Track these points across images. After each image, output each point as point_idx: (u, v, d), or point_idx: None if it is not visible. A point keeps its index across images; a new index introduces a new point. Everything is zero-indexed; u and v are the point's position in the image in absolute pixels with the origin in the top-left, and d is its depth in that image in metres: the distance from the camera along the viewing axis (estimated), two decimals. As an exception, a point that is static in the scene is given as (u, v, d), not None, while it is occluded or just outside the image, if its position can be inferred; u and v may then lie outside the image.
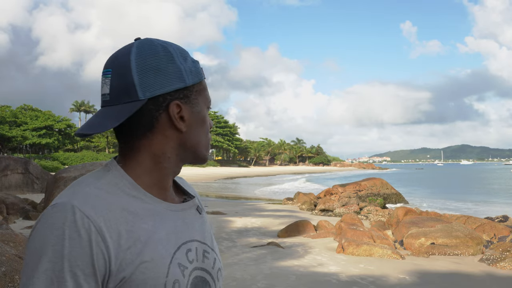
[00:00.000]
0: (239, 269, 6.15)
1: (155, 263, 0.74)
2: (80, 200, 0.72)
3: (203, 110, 0.85)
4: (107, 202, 0.74)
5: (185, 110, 0.81)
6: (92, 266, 0.69)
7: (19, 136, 52.19)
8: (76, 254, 0.68)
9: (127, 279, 0.72)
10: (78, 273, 0.68)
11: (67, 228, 0.69)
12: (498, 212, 15.98)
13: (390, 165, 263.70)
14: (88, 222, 0.70)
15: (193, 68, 0.83)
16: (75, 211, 0.70)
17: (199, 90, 0.84)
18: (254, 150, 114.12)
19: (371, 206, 15.05)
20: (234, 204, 19.03)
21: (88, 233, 0.69)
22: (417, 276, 6.06)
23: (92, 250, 0.69)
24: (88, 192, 0.74)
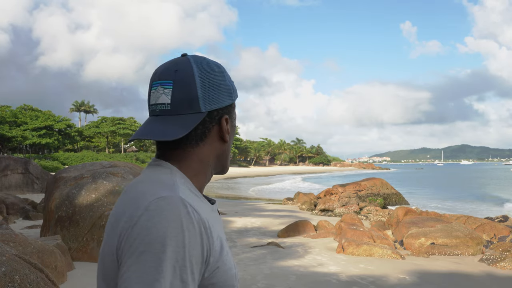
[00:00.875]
0: (239, 269, 6.15)
1: (228, 255, 0.84)
2: (183, 194, 0.80)
3: (234, 125, 0.96)
4: (194, 199, 0.82)
5: (229, 124, 0.93)
6: (202, 256, 0.76)
7: (19, 136, 52.16)
8: (193, 244, 0.74)
9: (219, 268, 0.80)
10: (193, 261, 0.74)
11: (184, 219, 0.74)
12: (498, 212, 15.98)
13: (390, 165, 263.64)
14: (197, 215, 0.77)
15: (235, 87, 0.95)
16: (186, 204, 0.76)
17: (234, 106, 0.96)
18: (254, 150, 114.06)
19: (371, 206, 15.05)
20: (234, 204, 19.03)
21: (199, 224, 0.76)
22: (417, 276, 6.06)
23: (202, 241, 0.76)
24: (181, 187, 0.82)
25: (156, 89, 0.86)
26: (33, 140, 54.58)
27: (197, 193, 0.86)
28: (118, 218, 0.79)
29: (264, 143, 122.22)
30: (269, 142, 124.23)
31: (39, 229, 8.11)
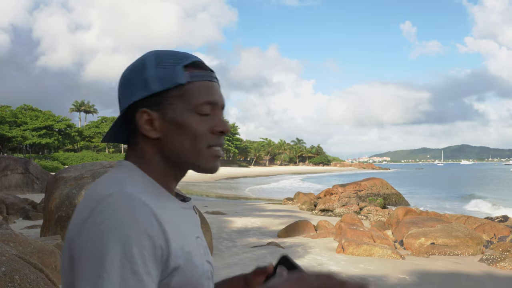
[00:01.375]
0: (239, 269, 6.14)
1: (195, 253, 0.80)
2: (133, 188, 0.76)
3: (181, 115, 0.83)
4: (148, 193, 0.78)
5: (156, 117, 0.83)
6: (154, 250, 0.72)
7: (19, 136, 52.17)
8: (141, 237, 0.71)
9: (182, 266, 0.76)
10: (145, 254, 0.70)
11: (130, 213, 0.72)
12: (498, 212, 15.98)
13: (390, 165, 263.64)
14: (147, 208, 0.74)
15: (165, 74, 0.83)
16: (133, 198, 0.74)
17: (178, 95, 0.83)
18: (254, 150, 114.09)
19: (371, 206, 15.05)
20: (234, 204, 19.03)
21: (149, 217, 0.73)
22: (417, 276, 6.06)
23: (152, 235, 0.72)
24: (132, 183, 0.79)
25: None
26: (33, 140, 54.59)
27: (156, 189, 0.82)
28: (73, 218, 0.77)
29: (264, 143, 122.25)
30: (269, 142, 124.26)
31: (39, 229, 8.11)
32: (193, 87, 0.84)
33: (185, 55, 0.86)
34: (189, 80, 0.83)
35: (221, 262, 6.64)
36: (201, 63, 0.87)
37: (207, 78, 0.86)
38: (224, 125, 0.86)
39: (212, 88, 0.86)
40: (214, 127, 0.85)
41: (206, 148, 0.84)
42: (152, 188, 0.82)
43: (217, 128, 0.85)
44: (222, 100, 0.88)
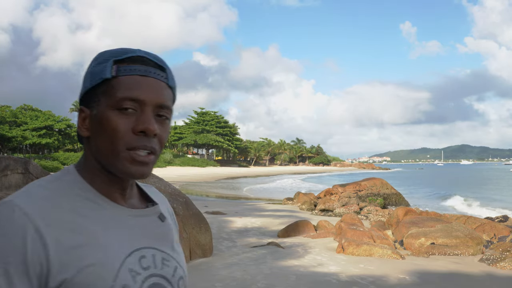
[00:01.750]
0: (239, 269, 6.14)
1: (102, 266, 0.72)
2: (23, 199, 0.72)
3: (103, 111, 0.77)
4: (54, 203, 0.74)
5: (88, 114, 0.80)
6: (25, 264, 0.68)
7: (19, 136, 52.14)
8: (8, 251, 0.67)
9: (70, 280, 0.70)
10: (10, 269, 0.67)
11: (2, 225, 0.68)
12: (498, 212, 15.97)
13: (391, 165, 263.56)
14: (25, 220, 0.69)
15: (96, 70, 0.79)
16: (15, 209, 0.70)
17: (104, 90, 0.78)
18: (254, 150, 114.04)
19: (371, 206, 15.05)
20: (234, 204, 19.03)
21: (23, 230, 0.68)
22: (417, 276, 6.06)
23: (26, 247, 0.68)
24: (36, 192, 0.74)
25: None
26: (33, 140, 54.58)
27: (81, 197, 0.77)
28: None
29: (264, 143, 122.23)
30: (269, 142, 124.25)
31: (39, 229, 8.10)
32: (118, 82, 0.77)
33: (125, 50, 0.80)
34: (114, 74, 0.77)
35: (221, 262, 6.64)
36: (142, 58, 0.80)
37: (138, 73, 0.78)
38: (148, 123, 0.76)
39: (142, 83, 0.78)
40: (135, 126, 0.76)
41: (124, 150, 0.76)
42: (76, 195, 0.77)
43: (137, 127, 0.76)
44: (156, 99, 0.78)
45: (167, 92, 0.81)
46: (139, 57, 0.80)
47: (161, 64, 0.82)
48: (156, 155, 0.80)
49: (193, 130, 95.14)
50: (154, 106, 0.78)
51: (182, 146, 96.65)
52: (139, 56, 0.80)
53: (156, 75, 0.80)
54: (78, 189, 0.78)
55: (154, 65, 0.80)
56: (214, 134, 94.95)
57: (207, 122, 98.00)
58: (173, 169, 61.29)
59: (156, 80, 0.79)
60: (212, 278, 5.60)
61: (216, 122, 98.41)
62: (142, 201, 0.89)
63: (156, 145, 0.79)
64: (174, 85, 0.84)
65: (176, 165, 70.79)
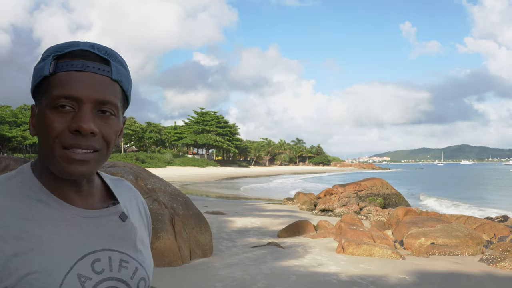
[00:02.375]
0: (239, 269, 6.14)
1: (46, 273, 0.69)
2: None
3: (42, 111, 0.75)
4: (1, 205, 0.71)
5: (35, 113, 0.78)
6: None
7: (19, 136, 52.13)
8: None
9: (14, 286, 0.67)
10: None
11: None
12: (498, 212, 15.98)
13: (391, 165, 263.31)
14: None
15: (38, 66, 0.78)
16: None
17: (43, 89, 0.76)
18: (254, 150, 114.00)
19: (371, 206, 15.04)
20: (234, 204, 19.02)
21: None
22: (417, 276, 6.06)
23: None
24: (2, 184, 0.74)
25: None
26: (33, 140, 54.55)
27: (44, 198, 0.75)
28: None
29: (264, 143, 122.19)
30: (269, 142, 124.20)
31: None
32: (55, 79, 0.74)
33: (69, 44, 0.77)
34: (52, 71, 0.74)
35: (221, 262, 6.64)
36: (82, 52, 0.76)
37: (75, 68, 0.74)
38: (79, 121, 0.73)
39: (78, 79, 0.74)
40: (69, 125, 0.73)
41: (60, 149, 0.73)
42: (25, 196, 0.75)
43: (71, 126, 0.73)
44: (93, 95, 0.74)
45: (109, 87, 0.76)
46: (81, 51, 0.75)
47: (106, 56, 0.77)
48: (98, 152, 0.76)
49: (193, 130, 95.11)
50: (93, 103, 0.74)
51: (182, 146, 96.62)
52: (81, 49, 0.75)
53: (96, 70, 0.75)
54: (29, 189, 0.75)
55: (95, 59, 0.76)
56: (214, 134, 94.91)
57: (207, 122, 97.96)
58: (173, 169, 61.26)
59: (96, 75, 0.75)
60: (212, 278, 5.60)
61: (216, 122, 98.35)
62: (105, 200, 0.86)
63: (97, 143, 0.75)
64: (120, 78, 0.78)
65: (176, 165, 70.75)
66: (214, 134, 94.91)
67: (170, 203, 6.80)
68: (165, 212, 6.54)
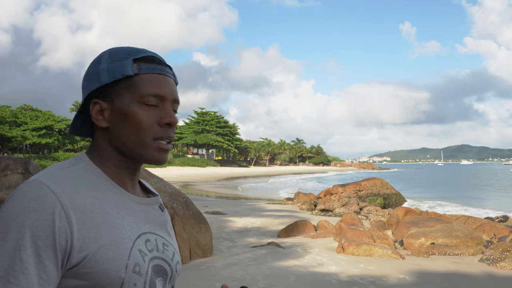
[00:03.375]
0: (239, 269, 6.14)
1: (117, 245, 0.80)
2: (49, 178, 0.79)
3: (128, 106, 0.85)
4: (75, 185, 0.81)
5: (106, 107, 0.87)
6: (53, 239, 0.74)
7: (19, 136, 52.10)
8: (38, 226, 0.73)
9: (91, 257, 0.77)
10: (38, 243, 0.73)
11: (32, 201, 0.74)
12: (498, 212, 15.99)
13: (390, 165, 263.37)
14: (54, 198, 0.76)
15: (115, 66, 0.87)
16: (43, 187, 0.76)
17: (126, 86, 0.86)
18: (254, 150, 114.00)
19: (371, 206, 15.04)
20: (234, 204, 19.02)
21: (52, 207, 0.75)
22: (417, 276, 6.06)
23: (54, 223, 0.74)
24: (59, 173, 0.82)
25: None
26: (33, 140, 54.55)
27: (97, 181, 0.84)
28: None
29: (264, 143, 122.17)
30: (269, 142, 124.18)
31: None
32: (140, 79, 0.86)
33: (138, 50, 0.90)
34: (136, 72, 0.86)
35: (221, 262, 6.64)
36: (153, 58, 0.90)
37: (157, 71, 0.88)
38: (171, 117, 0.87)
39: (161, 81, 0.88)
40: (161, 119, 0.87)
41: (151, 140, 0.86)
42: (92, 180, 0.84)
43: (163, 120, 0.87)
44: (173, 94, 0.89)
45: (176, 89, 0.93)
46: (152, 57, 0.89)
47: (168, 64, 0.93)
48: (171, 143, 0.91)
49: (193, 130, 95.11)
50: (172, 102, 0.90)
51: (182, 146, 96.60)
52: (151, 56, 0.89)
53: (170, 74, 0.91)
54: (93, 174, 0.85)
55: (165, 65, 0.91)
56: (214, 134, 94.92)
57: (207, 122, 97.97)
58: (173, 169, 61.26)
59: (170, 79, 0.91)
60: (212, 278, 5.60)
61: (216, 122, 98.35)
62: (143, 192, 0.98)
63: (173, 135, 0.91)
64: (178, 83, 0.95)
65: (176, 165, 70.76)
66: (214, 134, 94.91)
67: (170, 203, 6.80)
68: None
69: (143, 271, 0.83)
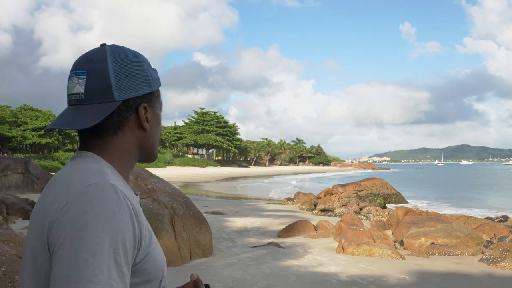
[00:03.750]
0: (239, 269, 6.14)
1: (157, 244, 0.88)
2: (113, 180, 0.82)
3: (160, 113, 0.97)
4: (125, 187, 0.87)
5: (149, 113, 0.93)
6: (134, 240, 0.78)
7: (19, 136, 52.10)
8: (125, 228, 0.76)
9: (150, 254, 0.83)
10: (127, 245, 0.76)
11: (115, 204, 0.77)
12: (498, 212, 15.99)
13: (391, 165, 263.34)
14: (127, 200, 0.79)
15: (156, 76, 0.95)
16: (117, 190, 0.79)
17: (157, 95, 0.96)
18: (254, 150, 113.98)
19: (371, 206, 15.04)
20: (234, 204, 19.02)
21: (129, 209, 0.79)
22: (417, 276, 6.06)
23: (133, 224, 0.79)
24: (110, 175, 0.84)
25: (71, 79, 0.88)
26: (33, 140, 54.55)
27: (123, 181, 0.88)
28: (48, 206, 0.78)
29: (264, 143, 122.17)
30: (269, 142, 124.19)
31: (39, 229, 8.08)
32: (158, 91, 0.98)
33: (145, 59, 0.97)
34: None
35: (221, 262, 6.64)
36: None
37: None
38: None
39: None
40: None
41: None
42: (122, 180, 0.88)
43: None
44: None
45: None
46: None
47: None
48: None
49: (193, 130, 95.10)
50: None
51: (182, 146, 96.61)
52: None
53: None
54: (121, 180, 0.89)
55: None
56: (214, 134, 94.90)
57: (207, 122, 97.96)
58: (173, 169, 61.26)
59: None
60: (212, 278, 5.60)
61: (216, 122, 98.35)
62: None
63: None
64: None
65: (176, 165, 70.76)
66: (214, 134, 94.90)
67: (170, 203, 6.80)
68: (165, 212, 6.54)
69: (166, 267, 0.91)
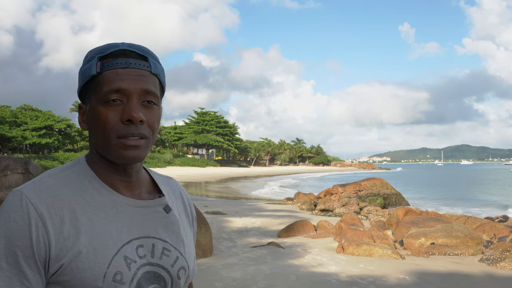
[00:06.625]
0: (239, 269, 6.14)
1: (96, 253, 0.79)
2: (30, 188, 0.80)
3: (95, 106, 0.84)
4: (57, 192, 0.81)
5: (84, 110, 0.88)
6: (31, 248, 0.76)
7: (19, 136, 52.08)
8: (17, 236, 0.75)
9: (66, 266, 0.77)
10: (18, 252, 0.75)
11: (12, 212, 0.77)
12: (498, 212, 15.99)
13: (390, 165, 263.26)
14: (31, 208, 0.77)
15: (84, 67, 0.87)
16: (22, 197, 0.78)
17: (93, 87, 0.85)
18: (254, 150, 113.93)
19: (371, 206, 15.04)
20: (234, 204, 19.01)
21: (29, 217, 0.76)
22: (417, 276, 6.06)
23: (31, 233, 0.76)
24: (43, 181, 0.82)
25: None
26: (33, 140, 54.53)
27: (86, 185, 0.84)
28: None
29: (264, 143, 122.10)
30: (269, 142, 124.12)
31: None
32: (103, 77, 0.84)
33: (109, 46, 0.86)
34: (99, 70, 0.84)
35: (221, 262, 6.64)
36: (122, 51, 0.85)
37: (120, 66, 0.84)
38: (132, 111, 0.82)
39: (123, 74, 0.83)
40: (121, 116, 0.83)
41: (115, 139, 0.83)
42: (82, 184, 0.84)
43: (123, 117, 0.82)
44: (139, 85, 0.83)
45: (150, 79, 0.86)
46: (121, 51, 0.85)
47: (143, 54, 0.87)
48: (147, 139, 0.85)
49: (193, 130, 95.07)
50: (139, 94, 0.84)
51: (182, 146, 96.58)
52: (121, 49, 0.85)
53: (138, 65, 0.85)
54: (84, 178, 0.85)
55: (135, 56, 0.86)
56: (214, 134, 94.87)
57: (207, 122, 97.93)
58: (173, 169, 61.25)
59: (138, 70, 0.85)
60: (212, 278, 5.60)
61: (216, 122, 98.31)
62: (151, 193, 0.94)
63: (145, 130, 0.85)
64: (157, 72, 0.88)
65: (176, 165, 70.74)
66: (214, 134, 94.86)
67: (170, 203, 6.79)
68: (165, 212, 6.53)
69: (126, 280, 0.80)
